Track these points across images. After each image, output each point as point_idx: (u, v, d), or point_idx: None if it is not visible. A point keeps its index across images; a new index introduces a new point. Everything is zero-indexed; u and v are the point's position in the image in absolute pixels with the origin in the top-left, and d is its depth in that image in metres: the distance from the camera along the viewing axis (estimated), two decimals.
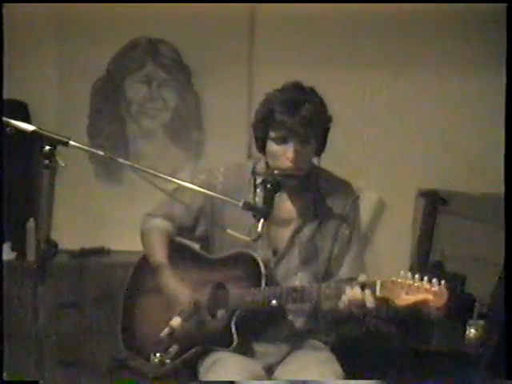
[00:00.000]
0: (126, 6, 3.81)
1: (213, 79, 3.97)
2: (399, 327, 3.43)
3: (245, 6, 3.92)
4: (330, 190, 2.59)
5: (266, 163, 2.56)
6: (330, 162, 2.64)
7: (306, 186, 2.57)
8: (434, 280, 2.21)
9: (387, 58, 3.92)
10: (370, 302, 2.27)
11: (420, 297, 2.21)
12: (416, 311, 3.42)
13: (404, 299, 2.23)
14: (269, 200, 2.39)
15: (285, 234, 2.57)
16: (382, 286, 2.26)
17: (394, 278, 2.24)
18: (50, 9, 3.89)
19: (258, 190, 2.52)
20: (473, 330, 3.48)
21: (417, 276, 2.23)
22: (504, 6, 2.91)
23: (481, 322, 3.48)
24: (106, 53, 4.00)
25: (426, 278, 2.22)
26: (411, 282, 2.22)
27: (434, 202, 3.86)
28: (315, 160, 2.58)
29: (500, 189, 2.71)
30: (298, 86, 2.48)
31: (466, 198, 3.82)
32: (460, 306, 3.58)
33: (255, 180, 2.56)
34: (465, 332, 3.48)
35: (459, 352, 3.41)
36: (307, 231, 2.57)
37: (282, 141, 2.44)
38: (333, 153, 3.72)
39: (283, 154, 2.44)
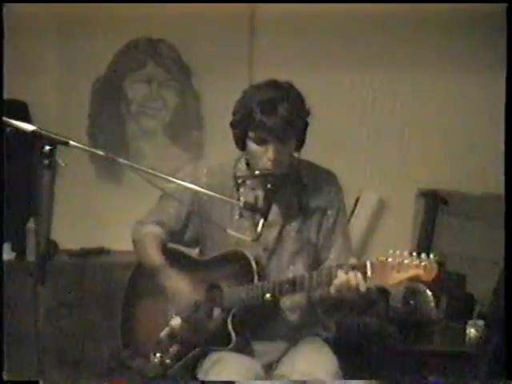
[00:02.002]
0: (126, 6, 3.81)
1: (213, 79, 3.97)
2: (399, 327, 3.43)
3: (245, 6, 3.92)
4: (313, 182, 2.59)
5: (247, 161, 2.57)
6: (329, 161, 2.64)
7: (288, 182, 2.57)
8: (423, 255, 2.21)
9: (387, 58, 3.92)
10: (361, 286, 2.28)
11: (411, 273, 2.21)
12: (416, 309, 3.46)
13: (395, 277, 2.23)
14: (268, 200, 2.39)
15: (272, 229, 2.57)
16: (372, 266, 2.26)
17: (383, 258, 2.24)
18: (50, 9, 3.89)
19: (241, 190, 2.54)
20: (473, 330, 3.47)
21: (405, 253, 2.23)
22: (504, 6, 2.92)
23: (481, 322, 3.48)
24: (106, 53, 4.00)
25: (414, 254, 2.22)
26: (400, 259, 2.22)
27: (434, 202, 3.86)
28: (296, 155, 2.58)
29: (500, 189, 2.71)
30: (274, 84, 2.47)
31: (465, 197, 3.82)
32: (460, 306, 3.58)
33: (237, 180, 2.56)
34: (465, 332, 3.48)
35: (459, 352, 3.41)
36: (294, 224, 2.57)
37: (262, 141, 2.44)
38: (333, 153, 3.75)
39: (263, 154, 2.44)
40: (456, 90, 3.92)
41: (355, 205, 3.86)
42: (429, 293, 3.47)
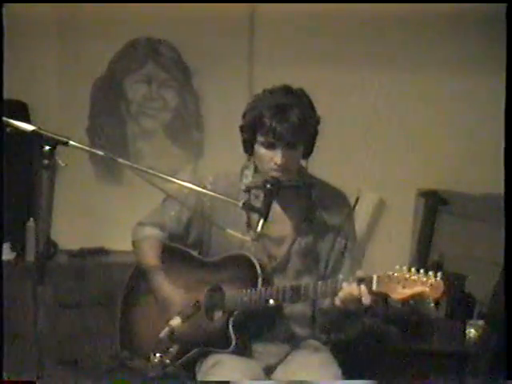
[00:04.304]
0: (126, 6, 3.81)
1: (213, 79, 3.97)
2: (399, 327, 3.43)
3: (245, 6, 3.92)
4: (324, 200, 2.59)
5: (255, 167, 2.57)
6: (330, 161, 2.64)
7: (297, 194, 2.57)
8: (431, 273, 2.21)
9: (388, 58, 3.92)
10: (365, 299, 2.28)
11: (416, 290, 2.21)
12: (416, 309, 3.46)
13: (400, 293, 2.23)
14: (268, 201, 2.39)
15: (280, 242, 2.57)
16: (378, 280, 2.26)
17: (390, 273, 2.24)
18: (50, 9, 3.89)
19: (251, 197, 2.54)
20: (473, 330, 3.47)
21: (413, 270, 2.23)
22: (504, 6, 2.92)
23: (481, 322, 3.48)
24: (106, 53, 4.00)
25: (422, 271, 2.22)
26: (407, 275, 2.22)
27: (434, 202, 3.86)
28: (304, 163, 2.58)
29: (500, 189, 2.71)
30: (287, 90, 2.47)
31: (466, 198, 3.82)
32: (460, 306, 3.58)
33: (248, 190, 2.56)
34: (465, 332, 3.48)
35: (459, 352, 3.41)
36: (303, 242, 2.56)
37: (270, 146, 2.44)
38: (333, 153, 3.75)
39: (271, 159, 2.44)
40: (456, 90, 3.92)
41: (355, 205, 3.85)
42: None
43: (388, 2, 3.72)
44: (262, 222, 2.36)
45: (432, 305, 3.47)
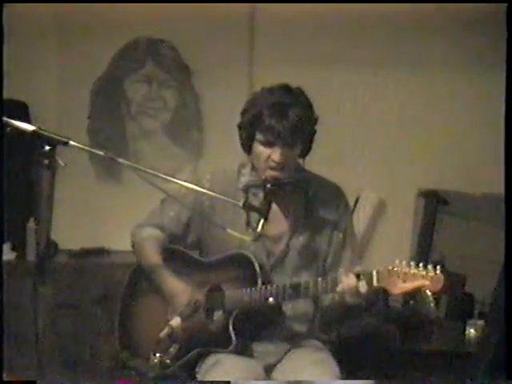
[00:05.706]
0: (126, 6, 3.82)
1: (213, 79, 3.97)
2: (399, 327, 3.43)
3: (245, 6, 3.92)
4: (321, 195, 2.59)
5: (252, 166, 2.57)
6: (330, 161, 2.64)
7: (294, 191, 2.57)
8: (430, 266, 2.22)
9: (387, 59, 3.92)
10: (363, 287, 2.28)
11: (416, 283, 2.23)
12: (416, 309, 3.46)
13: (401, 287, 2.25)
14: (268, 200, 2.39)
15: (278, 239, 2.57)
16: (378, 275, 2.27)
17: (390, 267, 2.25)
18: (50, 9, 3.90)
19: (250, 196, 2.54)
20: (473, 330, 3.48)
21: (412, 264, 2.24)
22: (504, 6, 2.92)
23: (481, 322, 3.48)
24: (106, 53, 4.00)
25: (421, 265, 2.23)
26: (407, 269, 2.23)
27: (434, 202, 3.87)
28: (301, 161, 2.58)
29: (500, 189, 2.71)
30: (285, 89, 2.47)
31: (466, 197, 3.82)
32: (460, 306, 3.59)
33: (246, 189, 2.56)
34: (465, 332, 3.48)
35: (459, 352, 3.41)
36: (301, 237, 2.57)
37: (269, 144, 2.44)
38: (333, 153, 3.75)
39: (268, 157, 2.44)
40: (456, 90, 3.92)
41: (355, 205, 3.86)
42: (428, 293, 3.46)
43: (388, 2, 3.72)
44: (262, 221, 2.36)
45: (432, 305, 3.48)
